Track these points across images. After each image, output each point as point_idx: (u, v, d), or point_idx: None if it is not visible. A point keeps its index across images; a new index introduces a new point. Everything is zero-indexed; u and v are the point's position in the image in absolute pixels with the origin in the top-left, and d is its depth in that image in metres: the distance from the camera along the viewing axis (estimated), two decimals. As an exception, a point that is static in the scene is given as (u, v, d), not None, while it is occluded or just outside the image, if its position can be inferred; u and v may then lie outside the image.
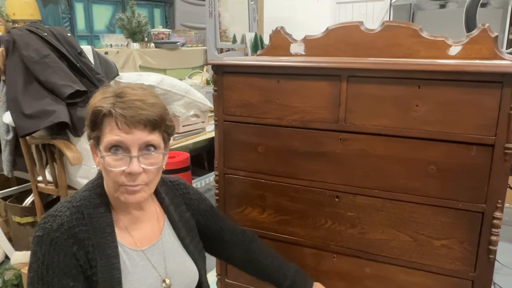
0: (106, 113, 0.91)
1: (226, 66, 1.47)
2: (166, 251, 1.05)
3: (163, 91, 2.24)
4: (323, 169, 1.39)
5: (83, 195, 0.98)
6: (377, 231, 1.35)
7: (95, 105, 0.93)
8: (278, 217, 1.51)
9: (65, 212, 0.94)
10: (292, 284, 1.21)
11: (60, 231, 0.91)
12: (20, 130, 1.80)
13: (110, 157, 0.92)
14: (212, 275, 2.01)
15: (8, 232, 2.30)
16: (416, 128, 1.23)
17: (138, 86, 1.00)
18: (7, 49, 1.88)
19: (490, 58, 1.29)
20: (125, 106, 0.91)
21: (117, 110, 0.90)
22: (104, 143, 0.92)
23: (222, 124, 1.51)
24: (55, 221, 0.92)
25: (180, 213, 1.12)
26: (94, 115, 0.93)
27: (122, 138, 0.91)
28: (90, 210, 0.96)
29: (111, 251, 0.94)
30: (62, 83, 1.80)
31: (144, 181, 0.94)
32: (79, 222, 0.93)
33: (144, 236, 1.02)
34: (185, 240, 1.09)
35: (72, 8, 3.75)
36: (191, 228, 1.14)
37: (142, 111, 0.91)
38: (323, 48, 1.50)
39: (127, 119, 0.90)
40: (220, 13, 3.71)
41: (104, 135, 0.92)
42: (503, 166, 1.16)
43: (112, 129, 0.91)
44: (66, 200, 0.98)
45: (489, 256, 1.22)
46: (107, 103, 0.92)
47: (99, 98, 0.94)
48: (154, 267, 1.01)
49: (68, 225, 0.92)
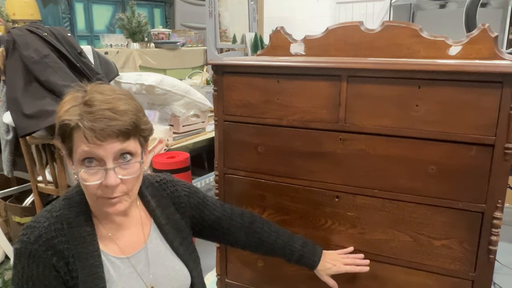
0: (74, 126, 0.85)
1: (226, 66, 1.47)
2: (153, 256, 1.01)
3: (163, 91, 2.24)
4: (323, 169, 1.39)
5: (62, 204, 0.95)
6: (377, 231, 1.35)
7: (62, 117, 0.87)
8: (278, 217, 1.51)
9: (44, 223, 0.92)
10: (300, 259, 1.21)
11: (38, 244, 0.89)
12: (20, 130, 1.80)
13: (84, 172, 0.87)
14: (212, 275, 2.02)
15: (8, 232, 2.30)
16: (416, 128, 1.23)
17: (108, 88, 0.93)
18: (7, 49, 1.88)
19: (490, 58, 1.29)
20: (93, 118, 0.84)
21: (85, 123, 0.84)
22: (77, 156, 0.87)
23: (222, 124, 1.51)
24: (33, 233, 0.90)
25: (168, 215, 1.08)
26: (62, 129, 0.87)
27: (94, 151, 0.85)
28: (70, 219, 0.93)
29: (94, 261, 0.91)
30: (62, 83, 1.80)
31: (123, 191, 0.90)
32: (58, 233, 0.91)
33: (128, 243, 0.99)
34: (174, 243, 1.05)
35: (72, 8, 3.75)
36: (180, 230, 1.09)
37: (112, 122, 0.85)
38: (323, 48, 1.50)
39: (97, 133, 0.84)
40: (220, 13, 3.71)
41: (76, 147, 0.87)
42: (503, 166, 1.16)
43: (82, 141, 0.85)
44: (46, 210, 0.96)
45: (489, 256, 1.22)
46: (74, 115, 0.86)
47: (67, 108, 0.88)
48: (139, 275, 0.97)
49: (46, 237, 0.90)
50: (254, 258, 1.59)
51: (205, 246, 2.30)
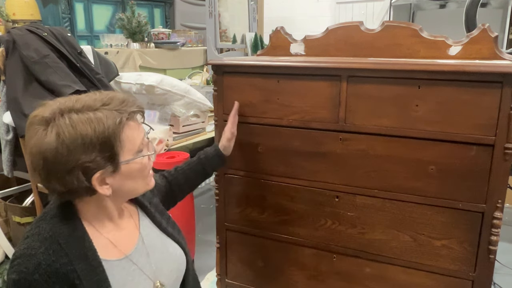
0: (122, 120, 0.86)
1: (226, 66, 1.47)
2: (149, 243, 1.01)
3: (163, 91, 2.23)
4: (323, 169, 1.39)
5: (52, 223, 0.88)
6: (377, 231, 1.35)
7: (103, 121, 0.84)
8: (278, 217, 1.51)
9: (39, 249, 0.83)
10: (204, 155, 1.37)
11: (39, 273, 0.81)
12: (20, 130, 1.80)
13: (149, 151, 0.95)
14: (212, 275, 2.02)
15: (8, 232, 2.30)
16: (416, 128, 1.23)
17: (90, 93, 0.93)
18: (7, 49, 1.88)
19: (490, 58, 1.29)
20: (124, 104, 0.89)
21: (127, 109, 0.89)
22: (137, 147, 0.91)
23: (222, 124, 1.51)
24: (30, 261, 0.82)
25: (149, 199, 1.11)
26: (112, 132, 0.84)
27: (142, 127, 0.93)
28: (66, 238, 0.86)
29: (99, 277, 0.87)
30: (62, 83, 1.80)
31: None
32: (57, 256, 0.84)
33: (126, 240, 0.98)
34: (162, 224, 1.08)
35: (72, 8, 3.75)
36: (162, 212, 1.13)
37: (133, 100, 0.92)
38: (323, 48, 1.50)
39: (141, 108, 0.92)
40: (220, 13, 3.71)
41: (129, 141, 0.88)
42: (503, 166, 1.16)
43: (134, 128, 0.90)
44: (33, 233, 0.87)
45: (489, 256, 1.22)
46: (111, 117, 0.85)
47: (100, 116, 0.84)
48: (142, 270, 0.97)
49: (46, 263, 0.82)
50: (254, 258, 1.59)
51: (205, 247, 2.31)
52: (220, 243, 1.66)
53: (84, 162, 0.82)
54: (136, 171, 0.92)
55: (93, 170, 0.84)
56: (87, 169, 0.83)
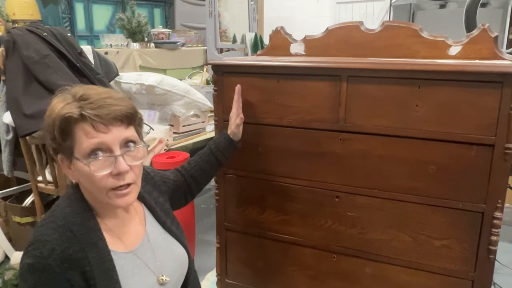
0: (77, 118, 0.86)
1: (226, 66, 1.47)
2: (154, 240, 1.04)
3: (163, 91, 2.24)
4: (323, 169, 1.39)
5: (65, 212, 0.92)
6: (377, 231, 1.35)
7: (61, 112, 0.87)
8: (278, 217, 1.51)
9: (53, 235, 0.87)
10: (215, 145, 1.37)
11: (52, 257, 0.85)
12: (20, 130, 1.80)
13: (93, 163, 0.87)
14: (212, 275, 2.01)
15: (8, 232, 2.30)
16: (416, 128, 1.23)
17: (94, 86, 0.95)
18: (7, 49, 1.88)
19: (490, 58, 1.29)
20: (95, 106, 0.86)
21: (89, 112, 0.85)
22: (82, 150, 0.87)
23: (222, 124, 1.51)
24: (45, 247, 0.85)
25: (154, 199, 1.12)
26: (64, 123, 0.86)
27: (102, 139, 0.87)
28: (78, 226, 0.90)
29: (108, 265, 0.91)
30: (62, 83, 1.80)
31: (132, 179, 0.92)
32: (70, 243, 0.87)
33: (133, 236, 1.01)
34: (166, 223, 1.09)
35: (72, 8, 3.75)
36: (167, 212, 1.14)
37: (115, 107, 0.88)
38: (323, 48, 1.50)
39: (103, 118, 0.86)
40: (220, 13, 3.71)
41: (79, 142, 0.87)
42: (503, 166, 1.16)
43: (88, 133, 0.86)
44: (47, 221, 0.91)
45: (489, 256, 1.22)
46: (73, 108, 0.86)
47: (62, 105, 0.88)
48: (147, 265, 0.99)
49: (60, 249, 0.86)
50: (254, 258, 1.59)
51: (205, 247, 2.31)
52: (220, 243, 1.66)
53: (49, 138, 0.91)
54: (85, 174, 0.89)
55: (56, 149, 0.92)
56: (54, 145, 0.91)
